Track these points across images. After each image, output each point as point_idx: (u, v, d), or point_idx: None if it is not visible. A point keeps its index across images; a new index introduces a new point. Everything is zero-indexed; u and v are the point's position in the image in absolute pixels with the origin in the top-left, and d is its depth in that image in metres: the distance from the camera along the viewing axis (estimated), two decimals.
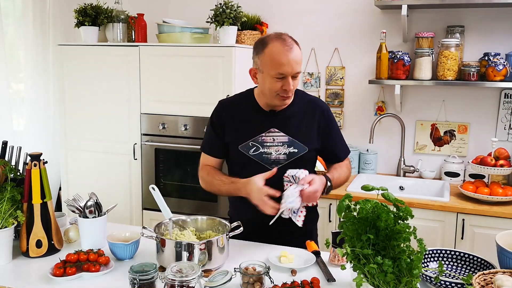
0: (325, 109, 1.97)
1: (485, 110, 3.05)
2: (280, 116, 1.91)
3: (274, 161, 1.88)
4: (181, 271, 1.32)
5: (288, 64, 1.74)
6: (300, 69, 1.80)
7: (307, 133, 1.91)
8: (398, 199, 1.40)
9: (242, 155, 1.90)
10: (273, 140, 1.88)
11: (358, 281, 1.27)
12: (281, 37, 1.78)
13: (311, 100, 1.99)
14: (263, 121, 1.91)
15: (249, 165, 1.89)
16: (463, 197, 2.72)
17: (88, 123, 3.32)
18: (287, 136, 1.89)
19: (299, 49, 1.79)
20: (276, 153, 1.88)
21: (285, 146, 1.88)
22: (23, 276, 1.64)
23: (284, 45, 1.74)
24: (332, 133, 1.97)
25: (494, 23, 2.96)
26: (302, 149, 1.89)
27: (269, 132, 1.89)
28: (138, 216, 3.30)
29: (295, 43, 1.79)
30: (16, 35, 3.61)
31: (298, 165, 1.85)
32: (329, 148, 1.98)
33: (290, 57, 1.74)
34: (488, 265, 1.57)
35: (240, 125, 1.93)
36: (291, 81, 1.77)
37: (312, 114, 1.93)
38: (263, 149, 1.88)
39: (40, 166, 1.73)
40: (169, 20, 3.15)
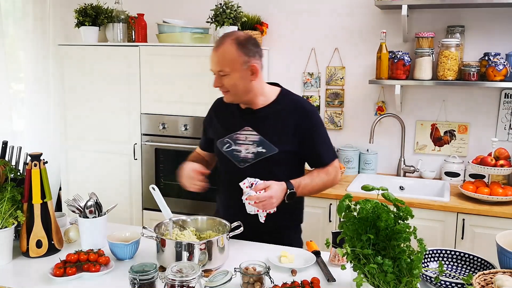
0: (307, 111, 1.93)
1: (485, 110, 3.05)
2: (256, 115, 1.93)
3: (242, 159, 1.91)
4: (181, 271, 1.32)
5: (211, 62, 1.84)
6: (226, 68, 1.80)
7: (282, 134, 1.89)
8: (398, 199, 1.40)
9: (218, 150, 1.99)
10: (245, 138, 1.92)
11: (358, 281, 1.27)
12: (223, 35, 1.86)
13: (294, 100, 1.96)
14: (240, 119, 1.95)
15: (222, 161, 1.99)
16: (463, 197, 2.72)
17: (88, 123, 3.32)
18: (259, 135, 1.90)
19: (231, 50, 1.79)
20: (245, 151, 1.91)
21: (255, 145, 1.89)
22: (23, 276, 1.64)
23: (215, 44, 1.84)
24: (313, 136, 1.92)
25: (494, 23, 2.96)
26: (272, 150, 1.87)
27: (244, 130, 1.93)
28: (138, 216, 3.30)
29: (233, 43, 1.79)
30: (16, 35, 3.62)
31: (266, 165, 1.87)
32: (309, 152, 1.94)
33: (213, 56, 1.83)
34: (488, 265, 1.57)
35: (222, 122, 2.01)
36: (217, 79, 1.84)
37: (292, 115, 1.90)
38: (234, 146, 1.93)
39: (40, 166, 1.73)
40: (169, 20, 3.15)
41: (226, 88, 1.85)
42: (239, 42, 1.80)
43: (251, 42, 1.84)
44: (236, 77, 1.82)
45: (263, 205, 1.72)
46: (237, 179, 1.84)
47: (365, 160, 3.24)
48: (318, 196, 2.84)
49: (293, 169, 1.97)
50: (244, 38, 1.83)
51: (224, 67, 1.80)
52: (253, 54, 1.83)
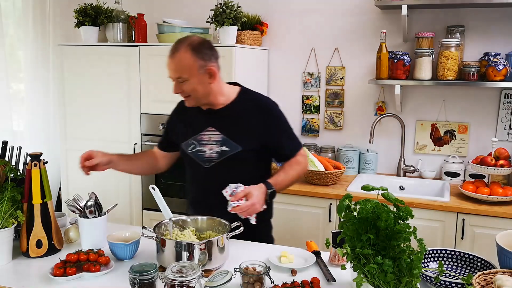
0: (266, 107, 1.97)
1: (485, 110, 3.05)
2: (218, 115, 1.96)
3: (207, 159, 1.94)
4: (181, 271, 1.32)
5: (168, 70, 1.86)
6: (184, 75, 1.82)
7: (244, 132, 1.92)
8: (398, 199, 1.40)
9: (183, 152, 2.02)
10: (209, 138, 1.95)
11: (358, 281, 1.28)
12: (176, 42, 1.87)
13: (254, 98, 2.01)
14: (202, 120, 1.98)
15: (188, 162, 2.02)
16: (463, 197, 2.72)
17: (88, 123, 3.32)
18: (221, 135, 1.93)
19: (187, 56, 1.81)
20: (209, 151, 1.94)
21: (218, 145, 1.93)
22: (23, 276, 1.64)
23: (170, 51, 1.85)
24: (276, 131, 1.96)
25: (494, 23, 2.96)
26: (235, 148, 1.91)
27: (207, 131, 1.96)
28: (138, 216, 3.30)
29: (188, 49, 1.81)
30: (16, 35, 3.62)
31: (231, 164, 1.91)
32: (274, 147, 1.97)
33: (170, 64, 1.85)
34: (488, 265, 1.57)
35: (185, 124, 2.04)
36: (176, 85, 1.86)
37: (253, 113, 1.94)
38: (199, 147, 1.96)
39: (40, 166, 1.73)
40: (169, 20, 3.15)
41: (187, 93, 1.87)
42: (194, 48, 1.82)
43: (206, 46, 1.86)
44: (195, 82, 1.84)
45: (247, 213, 1.76)
46: (203, 179, 1.95)
47: (365, 160, 3.24)
48: (318, 196, 2.85)
49: (259, 166, 2.01)
50: (198, 42, 1.85)
51: (182, 74, 1.82)
52: (208, 57, 1.85)
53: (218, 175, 1.92)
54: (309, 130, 3.44)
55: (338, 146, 3.34)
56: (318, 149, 3.35)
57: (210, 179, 1.94)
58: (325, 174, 2.91)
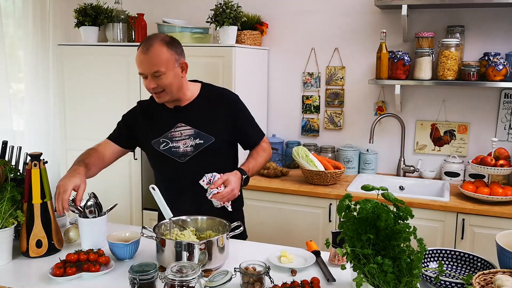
0: (231, 99, 2.07)
1: (485, 110, 3.05)
2: (185, 111, 2.01)
3: (182, 154, 1.98)
4: (181, 271, 1.32)
5: (142, 65, 1.87)
6: (160, 68, 1.84)
7: (213, 124, 2.00)
8: (398, 199, 1.40)
9: (154, 150, 2.02)
10: (181, 134, 1.99)
11: (358, 281, 1.27)
12: (147, 39, 1.88)
13: (218, 91, 2.09)
14: (171, 118, 2.01)
15: (160, 160, 2.03)
16: (463, 197, 2.72)
17: (88, 123, 3.32)
18: (193, 128, 1.98)
19: (163, 50, 1.85)
20: (183, 146, 1.98)
21: (191, 139, 1.98)
22: (23, 276, 1.64)
23: (143, 47, 1.86)
24: (240, 121, 2.06)
25: (494, 23, 2.96)
26: (208, 140, 1.97)
27: (177, 127, 2.00)
28: (138, 216, 3.30)
29: (162, 44, 1.85)
30: (16, 35, 3.61)
31: (206, 155, 1.96)
32: (241, 136, 2.08)
33: (144, 59, 1.85)
34: (488, 265, 1.57)
35: (152, 123, 2.05)
36: (152, 80, 1.87)
37: (219, 105, 2.02)
38: (172, 143, 1.99)
39: (40, 166, 1.73)
40: (169, 20, 3.15)
41: (162, 88, 1.89)
42: (168, 42, 1.88)
43: (176, 42, 1.93)
44: (171, 76, 1.89)
45: (227, 199, 1.82)
46: (179, 174, 1.99)
47: (365, 160, 3.24)
48: (318, 196, 2.85)
49: (230, 155, 2.10)
50: (170, 38, 1.92)
51: (160, 67, 1.85)
52: (180, 52, 1.93)
53: (194, 168, 1.97)
54: (309, 130, 3.44)
55: (338, 146, 3.34)
56: (318, 149, 3.35)
57: (186, 172, 1.98)
58: (325, 174, 2.92)
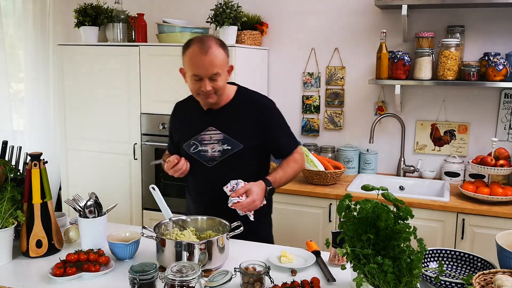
0: (264, 105, 2.01)
1: (485, 110, 3.05)
2: (217, 115, 1.98)
3: (210, 158, 1.97)
4: (181, 271, 1.33)
5: (201, 67, 1.82)
6: (219, 70, 1.83)
7: (244, 130, 1.96)
8: (398, 199, 1.40)
9: (185, 153, 2.03)
10: (210, 138, 1.97)
11: (358, 281, 1.27)
12: (202, 40, 1.84)
13: (252, 97, 2.04)
14: (202, 120, 2.00)
15: (190, 163, 2.02)
16: (463, 197, 2.72)
17: (88, 123, 3.32)
18: (222, 133, 1.96)
19: (221, 52, 1.84)
20: (211, 151, 1.97)
21: (220, 144, 1.96)
22: (23, 276, 1.64)
23: (201, 48, 1.81)
24: (273, 129, 2.00)
25: (494, 23, 2.96)
26: (236, 146, 1.94)
27: (208, 131, 1.98)
28: (138, 216, 3.30)
29: (218, 45, 1.84)
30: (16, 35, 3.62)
31: (233, 162, 1.94)
32: (272, 145, 2.02)
33: (205, 60, 1.81)
34: (488, 265, 1.57)
35: (186, 125, 2.06)
36: (208, 83, 1.84)
37: (251, 111, 1.98)
38: (201, 147, 1.99)
39: (40, 166, 1.73)
40: (169, 20, 3.15)
41: (215, 90, 1.87)
42: (222, 44, 1.87)
43: (225, 43, 1.91)
44: (224, 78, 1.88)
45: (248, 209, 1.80)
46: (206, 178, 1.98)
47: (365, 160, 3.24)
48: (318, 196, 2.85)
49: (259, 162, 2.05)
50: (221, 40, 1.90)
51: (219, 69, 1.84)
52: (229, 54, 1.92)
53: (220, 173, 1.95)
54: (309, 130, 3.44)
55: (338, 146, 3.34)
56: (318, 149, 3.35)
57: (213, 177, 1.97)
58: (325, 174, 2.91)
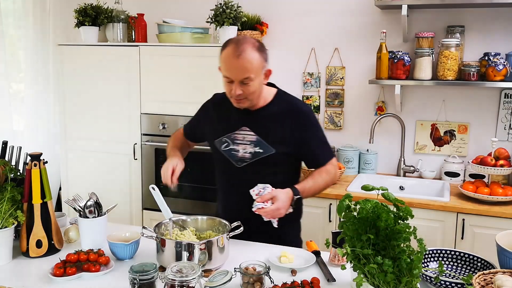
0: (302, 113, 1.94)
1: (485, 110, 3.05)
2: (254, 116, 1.93)
3: (240, 159, 1.92)
4: (181, 271, 1.32)
5: (233, 70, 1.77)
6: (250, 75, 1.76)
7: (278, 135, 1.90)
8: (398, 199, 1.40)
9: (215, 149, 1.99)
10: (243, 138, 1.92)
11: (358, 281, 1.27)
12: (238, 42, 1.78)
13: (290, 102, 1.97)
14: (238, 119, 1.95)
15: (219, 160, 1.99)
16: (463, 197, 2.72)
17: (88, 123, 3.32)
18: (256, 135, 1.90)
19: (256, 56, 1.76)
20: (242, 151, 1.92)
21: (252, 145, 1.90)
22: (23, 276, 1.64)
23: (235, 51, 1.75)
24: (309, 137, 1.93)
25: (494, 23, 2.96)
26: (268, 150, 1.88)
27: (241, 130, 1.93)
28: (138, 216, 3.30)
29: (254, 49, 1.76)
30: (16, 35, 3.62)
31: (263, 165, 1.89)
32: (306, 153, 1.96)
33: (236, 64, 1.75)
34: (488, 265, 1.57)
35: (220, 121, 2.00)
36: (238, 86, 1.78)
37: (289, 117, 1.91)
38: (232, 145, 1.94)
39: (40, 166, 1.73)
40: (169, 20, 3.15)
41: (245, 95, 1.81)
42: (258, 48, 1.79)
43: (264, 47, 1.84)
44: (257, 83, 1.81)
45: (271, 216, 1.76)
46: (234, 178, 1.94)
47: (365, 160, 3.24)
48: (318, 196, 2.84)
49: (290, 169, 1.99)
50: (259, 43, 1.82)
51: (251, 74, 1.77)
52: (267, 58, 1.83)
53: (248, 175, 1.90)
54: None
55: (338, 146, 3.33)
56: None
57: (240, 178, 1.92)
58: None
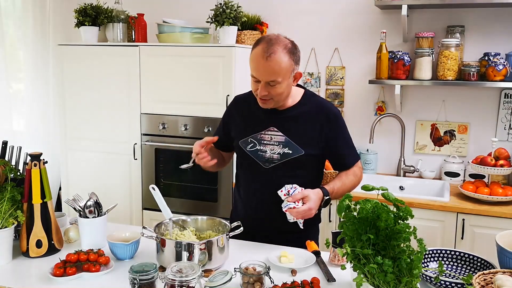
0: (331, 114, 1.91)
1: (485, 110, 3.05)
2: (282, 116, 1.90)
3: (267, 160, 1.89)
4: (181, 271, 1.33)
5: (260, 71, 1.74)
6: (278, 78, 1.73)
7: (307, 136, 1.88)
8: (398, 199, 1.40)
9: (241, 150, 1.94)
10: (271, 138, 1.89)
11: (358, 281, 1.27)
12: (269, 42, 1.73)
13: (319, 103, 1.94)
14: (265, 119, 1.91)
15: (245, 160, 1.95)
16: (463, 197, 2.72)
17: (88, 123, 3.32)
18: (285, 136, 1.87)
19: (286, 59, 1.72)
20: (270, 152, 1.88)
21: (281, 146, 1.87)
22: (23, 276, 1.64)
23: (264, 52, 1.71)
24: (337, 139, 1.92)
25: (494, 23, 2.96)
26: (297, 152, 1.86)
27: (269, 131, 1.90)
28: (138, 216, 3.30)
29: (285, 51, 1.72)
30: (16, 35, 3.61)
31: (291, 166, 1.86)
32: (334, 154, 1.95)
33: (264, 65, 1.72)
34: (488, 265, 1.57)
35: (245, 121, 1.96)
36: (264, 87, 1.75)
37: (317, 118, 1.89)
38: (259, 146, 1.90)
39: (40, 166, 1.73)
40: (169, 20, 3.15)
41: (271, 96, 1.78)
42: (290, 50, 1.74)
43: (297, 49, 1.80)
44: (284, 86, 1.78)
45: (302, 216, 1.75)
46: (260, 179, 1.90)
47: (365, 160, 3.24)
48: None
49: (315, 170, 1.98)
50: (292, 44, 1.78)
51: (278, 77, 1.73)
52: (298, 60, 1.80)
53: (276, 176, 1.87)
54: None
55: None
56: None
57: (267, 179, 1.89)
58: (325, 174, 2.91)
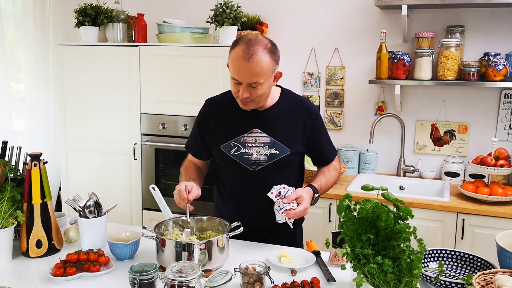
0: (312, 111, 1.92)
1: (485, 110, 3.05)
2: (264, 117, 1.87)
3: (254, 162, 1.86)
4: (181, 271, 1.33)
5: (242, 73, 1.70)
6: (260, 79, 1.70)
7: (291, 135, 1.87)
8: (398, 199, 1.40)
9: (224, 154, 1.89)
10: (255, 140, 1.86)
11: (358, 281, 1.27)
12: (249, 43, 1.69)
13: (298, 100, 1.94)
14: (246, 121, 1.87)
15: (229, 165, 1.89)
16: (463, 197, 2.72)
17: (88, 123, 3.32)
18: (269, 137, 1.85)
19: (267, 59, 1.69)
20: (257, 154, 1.85)
21: (267, 147, 1.85)
22: (23, 276, 1.64)
23: (245, 53, 1.67)
24: (319, 135, 1.93)
25: (494, 23, 2.96)
26: (284, 151, 1.85)
27: (252, 133, 1.86)
28: (138, 216, 3.30)
29: (266, 51, 1.69)
30: (16, 35, 3.62)
31: (278, 167, 1.86)
32: (316, 150, 1.96)
33: (246, 67, 1.68)
34: (488, 265, 1.57)
35: (223, 125, 1.91)
36: (246, 89, 1.72)
37: (298, 115, 1.88)
38: (244, 149, 1.86)
39: (40, 166, 1.73)
40: (169, 20, 3.15)
41: (252, 98, 1.76)
42: (270, 50, 1.72)
43: (276, 48, 1.77)
44: (266, 86, 1.75)
45: (298, 217, 1.76)
46: (249, 182, 1.87)
47: (365, 160, 3.24)
48: None
49: (300, 168, 1.99)
50: (271, 44, 1.75)
51: (260, 79, 1.70)
52: (278, 59, 1.78)
53: (264, 178, 1.85)
54: None
55: (338, 146, 3.33)
56: None
57: (255, 182, 1.86)
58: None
